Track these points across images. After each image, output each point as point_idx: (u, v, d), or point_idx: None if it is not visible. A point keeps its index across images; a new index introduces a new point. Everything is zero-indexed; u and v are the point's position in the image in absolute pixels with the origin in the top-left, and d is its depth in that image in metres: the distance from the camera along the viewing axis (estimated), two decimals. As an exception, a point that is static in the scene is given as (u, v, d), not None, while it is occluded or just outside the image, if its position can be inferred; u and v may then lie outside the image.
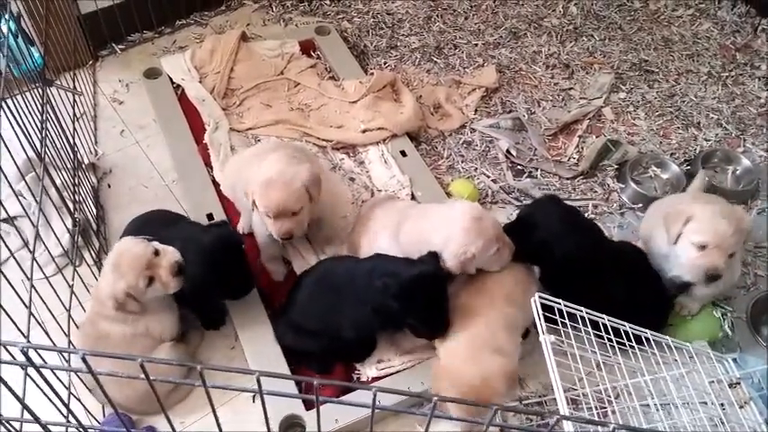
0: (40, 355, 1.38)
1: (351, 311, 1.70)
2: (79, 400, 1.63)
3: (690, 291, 1.97)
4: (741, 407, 1.70)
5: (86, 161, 2.24)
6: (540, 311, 1.55)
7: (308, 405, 1.72)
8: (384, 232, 1.87)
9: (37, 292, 1.53)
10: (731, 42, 3.00)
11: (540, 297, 1.59)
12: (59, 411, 1.16)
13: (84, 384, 1.68)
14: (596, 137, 2.57)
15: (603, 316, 1.66)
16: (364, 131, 2.40)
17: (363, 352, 1.84)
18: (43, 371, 1.02)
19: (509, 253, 1.78)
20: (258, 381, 0.74)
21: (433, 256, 1.69)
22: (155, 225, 1.86)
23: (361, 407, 0.79)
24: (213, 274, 1.71)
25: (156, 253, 1.66)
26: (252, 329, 1.88)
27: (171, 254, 1.67)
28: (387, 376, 1.81)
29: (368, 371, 1.83)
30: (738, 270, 2.03)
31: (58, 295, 1.69)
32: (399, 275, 1.62)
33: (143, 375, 0.75)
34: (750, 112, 2.70)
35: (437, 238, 1.72)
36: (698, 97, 2.75)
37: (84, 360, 0.73)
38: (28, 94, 1.78)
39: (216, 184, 2.22)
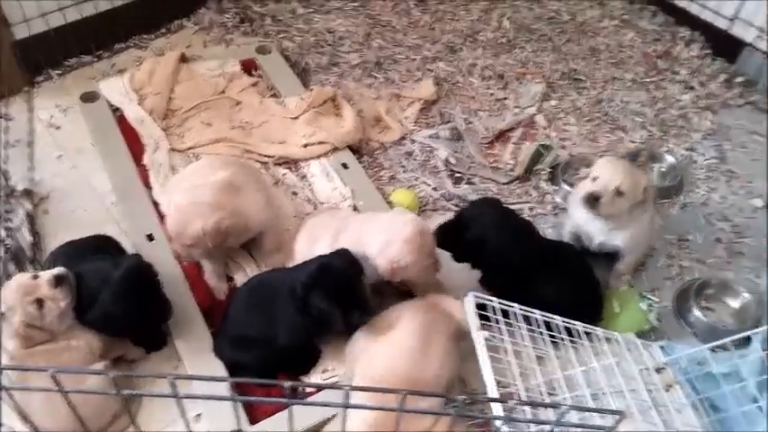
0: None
1: (282, 316, 1.73)
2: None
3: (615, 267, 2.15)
4: (667, 390, 1.79)
5: (20, 188, 2.22)
6: (474, 309, 1.63)
7: (252, 419, 1.72)
8: (324, 238, 1.92)
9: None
10: (653, 50, 3.18)
11: (474, 296, 1.66)
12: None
13: (17, 413, 1.65)
14: (530, 143, 2.68)
15: (535, 311, 1.74)
16: (305, 146, 2.45)
17: (306, 362, 1.86)
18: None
19: (436, 271, 1.88)
20: (172, 384, 0.76)
21: (346, 252, 1.76)
22: (76, 256, 1.87)
23: (277, 402, 0.82)
24: (124, 306, 1.71)
25: (35, 277, 1.68)
26: (194, 348, 1.87)
27: (50, 270, 1.69)
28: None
29: (313, 381, 1.85)
30: (649, 235, 2.20)
31: (-10, 325, 1.68)
32: (308, 266, 1.71)
33: (56, 387, 0.76)
34: (672, 115, 2.86)
35: (376, 242, 1.79)
36: (623, 102, 2.90)
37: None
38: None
39: (156, 205, 2.23)
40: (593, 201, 1.95)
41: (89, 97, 2.56)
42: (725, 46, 3.06)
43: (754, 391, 1.91)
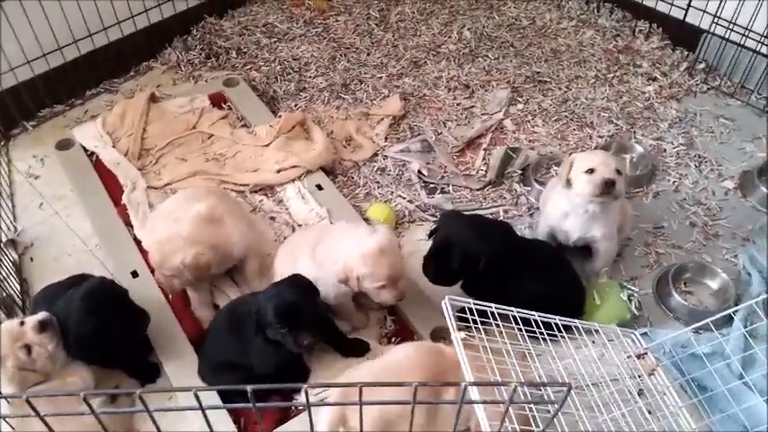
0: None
1: (250, 342, 1.76)
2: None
3: (590, 261, 2.20)
4: (650, 375, 1.82)
5: (4, 238, 2.26)
6: (451, 312, 1.65)
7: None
8: (304, 252, 1.96)
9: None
10: (613, 46, 3.26)
11: (449, 298, 1.69)
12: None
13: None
14: (500, 148, 2.73)
15: (512, 308, 1.77)
16: (279, 171, 2.50)
17: (294, 380, 1.88)
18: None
19: (393, 297, 1.87)
20: (196, 396, 0.81)
21: (297, 278, 1.79)
22: (55, 298, 1.87)
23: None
24: (93, 324, 1.73)
25: (22, 323, 1.72)
26: (187, 377, 1.90)
27: (34, 316, 1.72)
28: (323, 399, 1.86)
29: (304, 397, 1.87)
30: (624, 224, 2.23)
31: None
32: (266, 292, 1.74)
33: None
34: (637, 107, 2.93)
35: (344, 250, 1.83)
36: (588, 99, 2.96)
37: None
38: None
39: (138, 242, 2.26)
40: (610, 186, 1.97)
41: (64, 145, 2.60)
42: (683, 35, 3.14)
43: (740, 368, 1.95)
